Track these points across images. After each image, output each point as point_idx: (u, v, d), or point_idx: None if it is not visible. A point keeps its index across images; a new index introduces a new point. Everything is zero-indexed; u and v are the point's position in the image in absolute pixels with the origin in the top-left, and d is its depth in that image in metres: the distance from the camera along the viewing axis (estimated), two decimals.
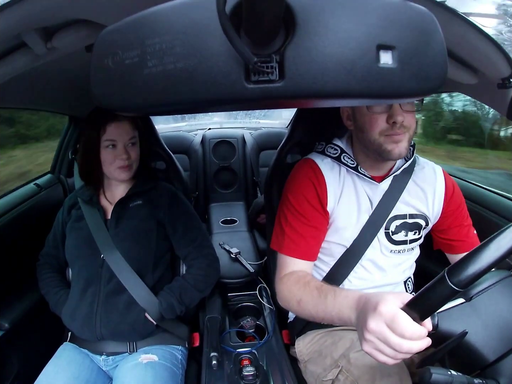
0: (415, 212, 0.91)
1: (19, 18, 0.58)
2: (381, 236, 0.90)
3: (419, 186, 0.92)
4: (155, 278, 1.08)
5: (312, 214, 0.88)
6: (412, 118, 0.81)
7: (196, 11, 0.32)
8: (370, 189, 0.90)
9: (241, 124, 3.03)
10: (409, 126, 0.80)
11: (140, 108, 0.36)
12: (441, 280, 0.49)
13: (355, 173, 0.89)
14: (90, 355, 1.05)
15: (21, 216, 1.33)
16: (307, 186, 0.89)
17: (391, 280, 0.93)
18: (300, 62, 0.32)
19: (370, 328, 0.54)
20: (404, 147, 0.81)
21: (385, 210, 0.88)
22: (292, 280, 0.84)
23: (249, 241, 1.79)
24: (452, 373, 0.52)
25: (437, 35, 0.34)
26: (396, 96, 0.35)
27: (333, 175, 0.90)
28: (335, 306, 0.69)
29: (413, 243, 0.93)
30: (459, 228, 0.93)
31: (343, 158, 0.91)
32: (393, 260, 0.92)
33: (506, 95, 0.83)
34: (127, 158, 1.02)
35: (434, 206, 0.92)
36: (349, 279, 0.92)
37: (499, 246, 0.47)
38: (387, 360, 0.55)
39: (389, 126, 0.79)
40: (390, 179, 0.89)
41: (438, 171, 0.95)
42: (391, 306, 0.53)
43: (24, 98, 1.18)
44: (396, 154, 0.81)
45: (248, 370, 1.00)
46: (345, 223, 0.89)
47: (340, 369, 0.84)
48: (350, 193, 0.90)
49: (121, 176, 1.04)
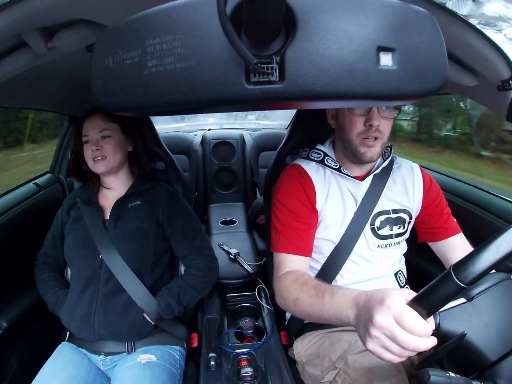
0: (398, 207, 0.96)
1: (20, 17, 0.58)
2: (367, 232, 0.94)
3: (399, 182, 0.98)
4: (153, 278, 1.08)
5: (302, 212, 0.92)
6: (387, 125, 0.87)
7: (197, 12, 0.32)
8: (353, 188, 0.95)
9: (241, 125, 3.03)
10: (384, 132, 0.87)
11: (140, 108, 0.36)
12: (446, 276, 0.48)
13: (338, 173, 0.95)
14: (88, 354, 1.05)
15: (20, 216, 1.33)
16: (296, 187, 0.94)
17: (381, 273, 0.96)
18: (300, 64, 0.32)
19: (377, 323, 0.52)
20: (376, 152, 0.88)
21: (369, 207, 0.94)
22: (290, 279, 0.84)
23: (248, 242, 1.79)
24: (451, 375, 0.52)
25: (437, 37, 0.34)
26: (396, 98, 0.35)
27: (319, 176, 0.96)
28: (332, 305, 0.68)
29: (399, 237, 0.97)
30: (439, 216, 0.98)
31: (326, 161, 0.97)
32: (381, 254, 0.96)
33: (506, 97, 0.83)
34: (97, 149, 1.04)
35: (414, 198, 0.97)
36: (341, 274, 0.95)
37: (504, 243, 0.47)
38: (392, 358, 0.53)
39: (365, 129, 0.86)
40: (371, 178, 0.95)
41: (415, 167, 1.02)
42: (399, 301, 0.52)
43: (24, 98, 1.18)
44: (368, 157, 0.88)
45: (246, 371, 1.00)
46: (333, 220, 0.94)
47: (337, 371, 0.84)
48: (335, 192, 0.95)
49: (97, 168, 1.06)
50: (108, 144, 1.06)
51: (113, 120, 1.08)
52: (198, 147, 2.42)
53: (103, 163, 1.05)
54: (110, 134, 1.07)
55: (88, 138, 1.06)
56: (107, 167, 1.06)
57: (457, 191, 1.34)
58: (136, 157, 1.17)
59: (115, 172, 1.11)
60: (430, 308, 0.51)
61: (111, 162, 1.07)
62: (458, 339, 0.57)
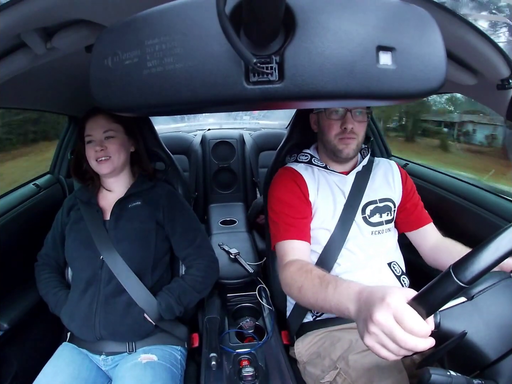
0: (383, 197, 1.07)
1: (19, 18, 0.58)
2: (360, 221, 1.03)
3: (381, 176, 1.10)
4: (154, 279, 1.08)
5: (297, 203, 1.01)
6: (361, 127, 1.00)
7: (196, 12, 0.32)
8: (340, 182, 1.06)
9: (241, 124, 3.03)
10: (358, 133, 1.00)
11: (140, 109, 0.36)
12: (446, 276, 0.48)
13: (325, 170, 1.06)
14: (89, 355, 1.05)
15: (20, 217, 1.33)
16: (290, 183, 1.03)
17: (376, 261, 1.01)
18: (299, 63, 0.32)
19: (376, 320, 0.52)
20: (352, 149, 1.01)
21: (357, 198, 1.04)
22: (295, 266, 0.87)
23: (248, 242, 1.79)
24: (452, 374, 0.52)
25: (436, 36, 0.34)
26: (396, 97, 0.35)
27: (308, 174, 1.06)
28: (334, 296, 0.68)
29: (389, 224, 1.07)
30: (414, 207, 1.09)
31: (313, 161, 1.08)
32: (375, 240, 1.03)
33: (505, 96, 0.83)
34: (101, 150, 1.04)
35: (395, 188, 1.10)
36: (338, 262, 1.00)
37: (504, 242, 0.47)
38: (388, 356, 0.53)
39: (341, 131, 0.99)
40: (354, 173, 1.06)
41: (393, 163, 1.15)
42: (399, 300, 0.52)
43: (24, 98, 1.18)
44: (345, 153, 1.01)
45: (247, 370, 1.00)
46: (326, 211, 1.03)
47: (338, 371, 0.84)
48: (324, 186, 1.05)
49: (101, 169, 1.06)
50: (112, 144, 1.06)
51: (117, 121, 1.08)
52: (198, 147, 2.42)
53: (107, 164, 1.05)
54: (114, 134, 1.07)
55: (91, 138, 1.05)
56: (111, 168, 1.06)
57: (456, 190, 1.34)
58: (138, 157, 1.17)
59: (117, 173, 1.11)
60: (430, 308, 0.51)
61: (115, 162, 1.07)
62: (459, 338, 0.57)
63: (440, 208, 1.29)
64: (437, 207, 1.21)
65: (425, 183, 1.47)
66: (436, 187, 1.43)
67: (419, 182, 1.43)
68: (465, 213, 1.24)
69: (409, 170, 1.55)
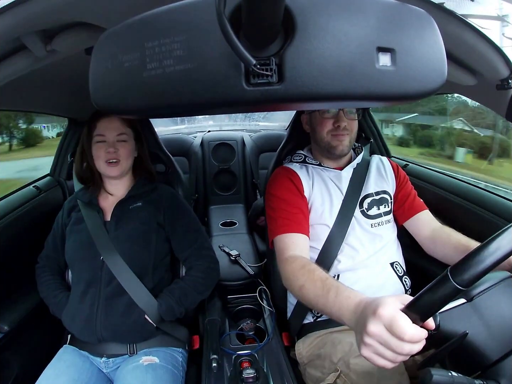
0: (379, 190, 1.10)
1: (19, 20, 0.58)
2: (358, 215, 1.04)
3: (375, 170, 1.13)
4: (154, 280, 1.08)
5: (292, 198, 1.03)
6: (353, 123, 1.03)
7: (196, 14, 0.32)
8: (335, 177, 1.08)
9: (241, 126, 3.03)
10: (351, 130, 1.02)
11: (140, 111, 0.36)
12: (444, 279, 0.48)
13: (319, 168, 1.08)
14: (90, 357, 1.04)
15: (20, 219, 1.33)
16: (285, 181, 1.05)
17: (378, 259, 1.02)
18: (299, 65, 0.32)
19: (370, 332, 0.53)
20: (346, 145, 1.03)
21: (355, 194, 1.06)
22: (298, 263, 0.86)
23: (248, 244, 1.79)
24: (453, 374, 0.51)
25: (436, 36, 0.34)
26: (396, 98, 0.35)
27: (303, 171, 1.08)
28: (335, 304, 0.69)
29: (387, 216, 1.08)
30: (408, 196, 1.12)
31: (307, 160, 1.11)
32: (375, 233, 1.04)
33: (505, 96, 0.83)
34: (114, 151, 1.04)
35: (389, 180, 1.13)
36: (338, 258, 1.01)
37: (502, 244, 0.47)
38: (386, 364, 0.54)
39: (334, 128, 1.01)
40: (350, 170, 1.09)
41: (384, 158, 1.19)
42: (390, 309, 0.53)
43: (24, 101, 1.18)
44: (339, 149, 1.03)
45: (248, 372, 0.99)
46: (322, 206, 1.04)
47: (338, 373, 0.84)
48: (319, 182, 1.07)
49: (110, 171, 1.06)
50: (124, 148, 1.07)
51: (130, 125, 1.09)
52: (198, 149, 2.42)
53: (116, 167, 1.06)
54: (126, 139, 1.08)
55: (104, 138, 1.05)
56: (119, 172, 1.07)
57: (456, 190, 1.34)
58: (141, 162, 1.17)
59: (122, 176, 1.11)
60: (426, 312, 0.51)
61: (123, 166, 1.07)
62: (460, 338, 0.57)
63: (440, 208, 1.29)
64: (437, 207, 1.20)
65: (425, 183, 1.46)
66: (436, 187, 1.42)
67: (419, 183, 1.43)
68: (465, 213, 1.24)
69: (409, 170, 1.55)
